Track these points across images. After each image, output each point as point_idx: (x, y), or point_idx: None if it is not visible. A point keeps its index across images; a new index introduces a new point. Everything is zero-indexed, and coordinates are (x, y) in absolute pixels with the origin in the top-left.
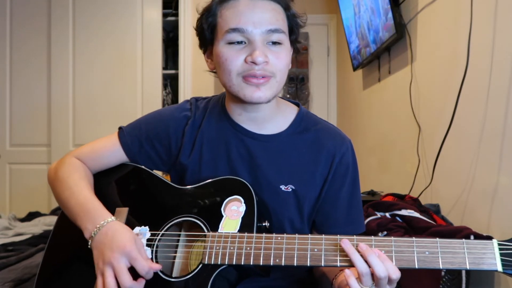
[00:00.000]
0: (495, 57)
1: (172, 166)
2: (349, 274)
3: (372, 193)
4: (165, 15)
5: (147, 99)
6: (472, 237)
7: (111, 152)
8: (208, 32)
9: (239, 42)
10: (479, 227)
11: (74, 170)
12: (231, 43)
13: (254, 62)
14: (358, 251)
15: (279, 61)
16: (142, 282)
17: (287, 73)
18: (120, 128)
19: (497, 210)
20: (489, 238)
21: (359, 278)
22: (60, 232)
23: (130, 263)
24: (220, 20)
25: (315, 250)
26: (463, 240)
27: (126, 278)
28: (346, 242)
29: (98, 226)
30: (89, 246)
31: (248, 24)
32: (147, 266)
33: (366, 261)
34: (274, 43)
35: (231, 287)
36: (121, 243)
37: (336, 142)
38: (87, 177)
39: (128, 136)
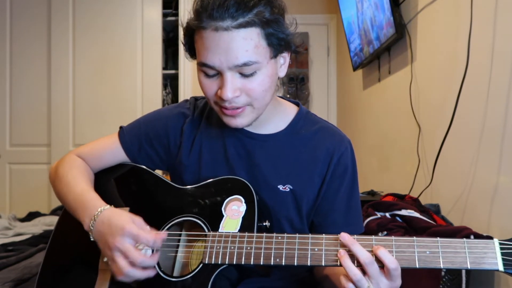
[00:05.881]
0: (495, 57)
1: (172, 165)
2: (345, 281)
3: (372, 193)
4: (165, 15)
5: (147, 99)
6: (472, 237)
7: (112, 152)
8: (191, 51)
9: (211, 75)
10: (479, 227)
11: (73, 167)
12: (204, 73)
13: (222, 99)
14: (343, 246)
15: (252, 91)
16: (155, 255)
17: (269, 94)
18: (120, 127)
19: (497, 210)
20: (489, 238)
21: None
22: (61, 232)
23: (134, 241)
24: (195, 46)
25: (316, 249)
26: (464, 239)
27: (135, 254)
28: (343, 253)
29: (94, 216)
30: (91, 239)
31: (214, 61)
32: (151, 237)
33: (351, 253)
34: (246, 74)
35: (231, 287)
36: (120, 226)
37: (335, 141)
38: (86, 171)
39: (128, 135)
